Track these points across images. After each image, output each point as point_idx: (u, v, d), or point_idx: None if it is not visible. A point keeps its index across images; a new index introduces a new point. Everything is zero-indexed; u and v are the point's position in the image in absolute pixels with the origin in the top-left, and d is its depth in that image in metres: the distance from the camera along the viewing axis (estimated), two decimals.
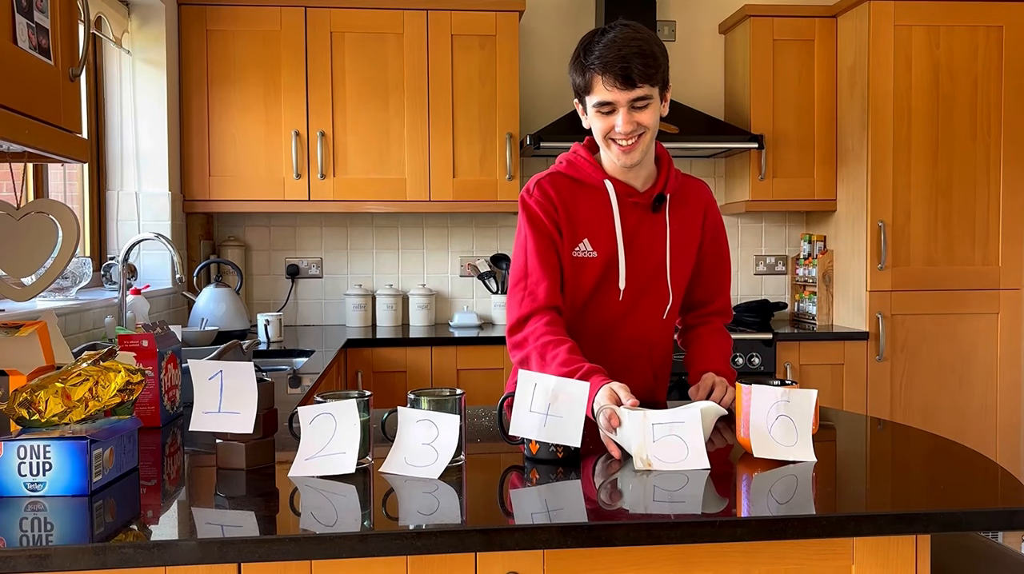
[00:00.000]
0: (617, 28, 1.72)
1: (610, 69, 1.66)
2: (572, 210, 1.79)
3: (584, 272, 1.80)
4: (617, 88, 1.67)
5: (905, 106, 3.50)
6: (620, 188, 1.80)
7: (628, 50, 1.66)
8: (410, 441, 1.35)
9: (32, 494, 1.23)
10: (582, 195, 1.81)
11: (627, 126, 1.69)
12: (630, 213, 1.81)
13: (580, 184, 1.81)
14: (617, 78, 1.66)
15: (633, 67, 1.65)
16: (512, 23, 3.60)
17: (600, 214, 1.79)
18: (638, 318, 1.85)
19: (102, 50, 3.33)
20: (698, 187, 1.92)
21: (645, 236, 1.82)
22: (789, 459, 1.39)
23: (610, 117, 1.71)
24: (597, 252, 1.79)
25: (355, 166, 3.57)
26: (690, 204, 1.88)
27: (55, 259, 1.58)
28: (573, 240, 1.79)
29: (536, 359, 1.69)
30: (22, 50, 1.36)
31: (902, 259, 3.52)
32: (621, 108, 1.69)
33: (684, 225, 1.86)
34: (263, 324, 3.29)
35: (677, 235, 1.84)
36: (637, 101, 1.69)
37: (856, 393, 3.52)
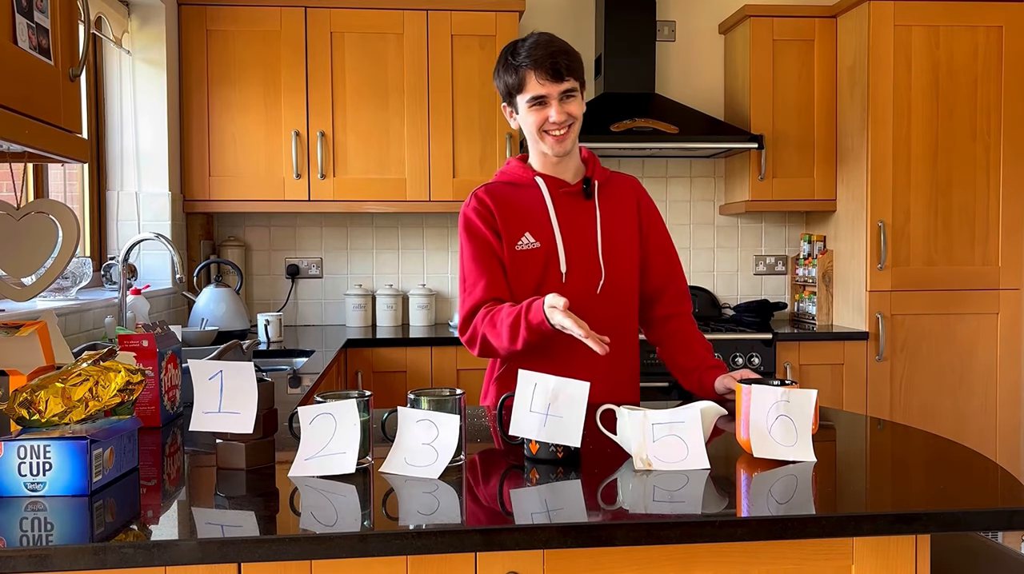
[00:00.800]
0: (537, 35, 1.91)
1: (541, 64, 1.85)
2: (509, 210, 1.96)
3: (530, 262, 1.95)
4: (549, 82, 1.86)
5: (905, 106, 3.50)
6: (551, 182, 1.98)
7: (554, 47, 1.87)
8: (410, 441, 1.35)
9: (32, 494, 1.23)
10: (518, 195, 1.98)
11: (560, 115, 1.87)
12: (563, 203, 1.97)
13: (515, 186, 1.99)
14: (548, 72, 1.85)
15: (561, 62, 1.85)
16: (512, 23, 3.60)
17: (537, 208, 1.96)
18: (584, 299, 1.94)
19: (102, 50, 3.33)
20: (628, 180, 2.09)
21: (579, 221, 1.97)
22: (789, 459, 1.39)
23: (543, 110, 1.89)
24: (539, 243, 1.94)
25: (355, 166, 3.57)
26: (621, 193, 2.04)
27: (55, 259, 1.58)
28: (515, 236, 1.95)
29: (488, 331, 1.87)
30: (22, 50, 1.36)
31: (902, 259, 3.52)
32: (553, 100, 1.87)
33: (615, 209, 2.01)
34: (263, 324, 3.29)
35: (608, 217, 1.99)
36: (566, 93, 1.88)
37: (856, 393, 3.52)
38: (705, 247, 4.10)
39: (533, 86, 1.87)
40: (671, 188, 4.07)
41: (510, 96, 1.92)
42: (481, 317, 1.89)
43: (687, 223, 4.09)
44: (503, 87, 1.93)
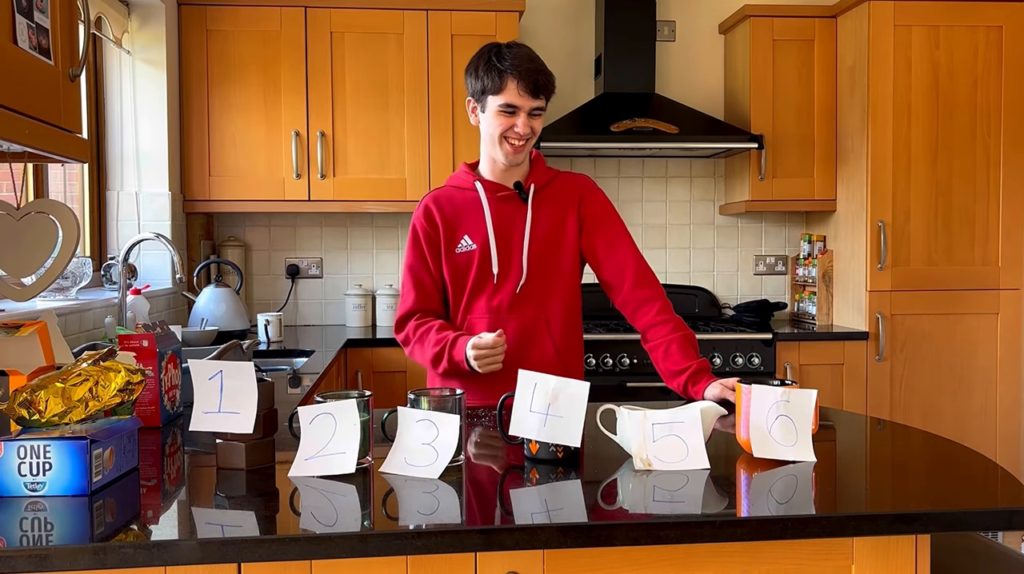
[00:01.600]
0: (522, 46, 2.00)
1: (525, 77, 1.94)
2: (452, 215, 2.06)
3: (469, 264, 2.05)
4: (526, 95, 1.94)
5: (905, 106, 3.50)
6: (490, 186, 2.06)
7: (539, 64, 1.97)
8: (410, 441, 1.35)
9: (32, 494, 1.23)
10: (461, 200, 2.08)
11: (524, 128, 1.96)
12: (501, 207, 2.06)
13: (460, 190, 2.09)
14: (528, 86, 1.94)
15: (541, 81, 1.95)
16: (512, 23, 3.60)
17: (475, 212, 2.06)
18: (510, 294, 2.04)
19: (102, 50, 3.33)
20: (575, 180, 2.13)
21: (514, 224, 2.06)
22: (789, 459, 1.39)
23: (511, 118, 1.97)
24: (476, 245, 2.04)
25: (355, 166, 3.57)
26: (562, 194, 2.09)
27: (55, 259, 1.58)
28: (455, 239, 2.05)
29: (417, 347, 2.05)
30: (22, 50, 1.36)
31: (902, 259, 3.52)
32: (523, 113, 1.96)
33: (551, 211, 2.07)
34: (263, 324, 3.28)
35: (540, 219, 2.06)
36: (536, 110, 1.97)
37: (856, 393, 3.52)
38: (705, 247, 4.10)
39: (511, 94, 1.95)
40: (671, 188, 4.07)
41: (482, 94, 2.00)
42: (413, 328, 2.05)
43: (687, 223, 4.09)
44: (478, 84, 2.00)
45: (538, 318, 2.06)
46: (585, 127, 3.61)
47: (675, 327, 2.00)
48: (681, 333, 1.99)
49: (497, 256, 2.03)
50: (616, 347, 3.43)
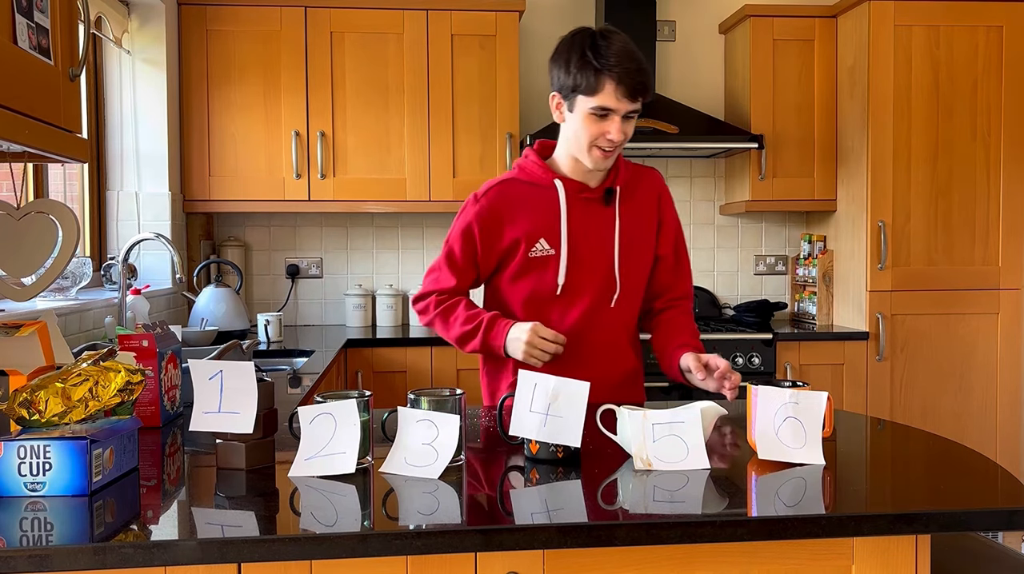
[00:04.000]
0: (617, 35, 1.78)
1: (625, 80, 1.72)
2: (523, 214, 1.87)
3: (547, 269, 1.88)
4: (625, 99, 1.74)
5: (905, 106, 3.50)
6: (571, 186, 1.87)
7: (642, 65, 1.74)
8: (410, 441, 1.35)
9: (32, 494, 1.23)
10: (534, 197, 1.88)
11: (619, 135, 1.77)
12: (581, 209, 1.88)
13: (532, 186, 1.89)
14: (629, 90, 1.73)
15: (643, 83, 1.74)
16: (512, 23, 3.60)
17: (551, 213, 1.87)
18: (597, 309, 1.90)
19: (102, 50, 3.33)
20: (651, 176, 1.98)
21: (597, 230, 1.89)
22: (795, 461, 1.38)
23: (602, 123, 1.77)
24: (554, 250, 1.87)
25: (355, 166, 3.57)
26: (642, 193, 1.94)
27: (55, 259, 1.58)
28: (530, 242, 1.87)
29: (440, 320, 1.91)
30: (22, 50, 1.36)
31: (902, 259, 3.52)
32: (617, 117, 1.76)
33: (636, 215, 1.92)
34: (263, 324, 3.28)
35: (627, 226, 1.90)
36: (631, 113, 1.77)
37: (856, 393, 3.52)
38: (705, 247, 4.10)
39: (607, 97, 1.74)
40: (671, 188, 4.05)
41: (572, 92, 1.78)
42: (435, 302, 1.92)
43: (687, 223, 4.08)
44: (568, 81, 1.78)
45: (622, 332, 1.93)
46: None
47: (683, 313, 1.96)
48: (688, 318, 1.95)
49: (575, 265, 1.86)
50: None
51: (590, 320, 1.89)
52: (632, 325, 1.98)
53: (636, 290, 1.95)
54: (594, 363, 1.88)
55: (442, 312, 1.91)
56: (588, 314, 1.90)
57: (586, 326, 1.90)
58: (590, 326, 1.90)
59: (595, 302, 1.90)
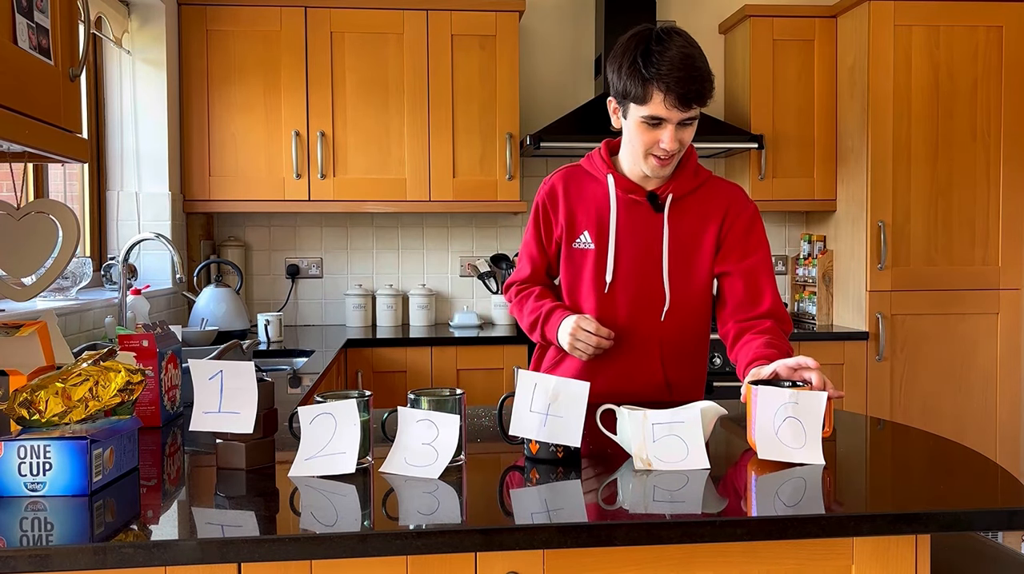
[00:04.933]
0: (673, 38, 1.70)
1: (674, 90, 1.66)
2: (577, 203, 1.87)
3: (583, 263, 1.87)
4: (676, 109, 1.68)
5: (905, 106, 3.50)
6: (623, 184, 1.84)
7: (695, 72, 1.67)
8: (410, 441, 1.35)
9: (32, 494, 1.23)
10: (590, 189, 1.87)
11: (673, 144, 1.72)
12: (630, 210, 1.84)
13: (590, 177, 1.89)
14: (679, 100, 1.67)
15: (695, 90, 1.67)
16: (512, 23, 3.60)
17: (602, 208, 1.85)
18: (636, 315, 1.86)
19: (102, 50, 3.33)
20: (725, 189, 1.88)
21: (643, 234, 1.84)
22: (795, 461, 1.38)
23: (655, 131, 1.72)
24: (595, 244, 1.85)
25: (355, 166, 3.57)
26: (705, 206, 1.84)
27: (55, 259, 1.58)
28: (574, 232, 1.87)
29: (516, 310, 1.96)
30: (22, 50, 1.36)
31: (902, 259, 3.52)
32: (670, 125, 1.71)
33: (691, 228, 1.83)
34: (263, 324, 3.28)
35: (679, 237, 1.83)
36: (687, 120, 1.72)
37: (856, 393, 3.52)
38: None
39: (656, 106, 1.69)
40: None
41: (623, 98, 1.74)
42: (515, 291, 1.97)
43: None
44: (620, 87, 1.73)
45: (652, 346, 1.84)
46: (585, 127, 3.60)
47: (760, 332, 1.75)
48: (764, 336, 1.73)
49: (614, 263, 1.82)
50: None
51: (630, 326, 1.84)
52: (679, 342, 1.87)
53: (688, 306, 1.85)
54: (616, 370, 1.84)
55: (517, 303, 1.95)
56: (628, 319, 1.84)
57: (625, 331, 1.84)
58: (630, 332, 1.84)
59: (639, 309, 1.84)
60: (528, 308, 1.90)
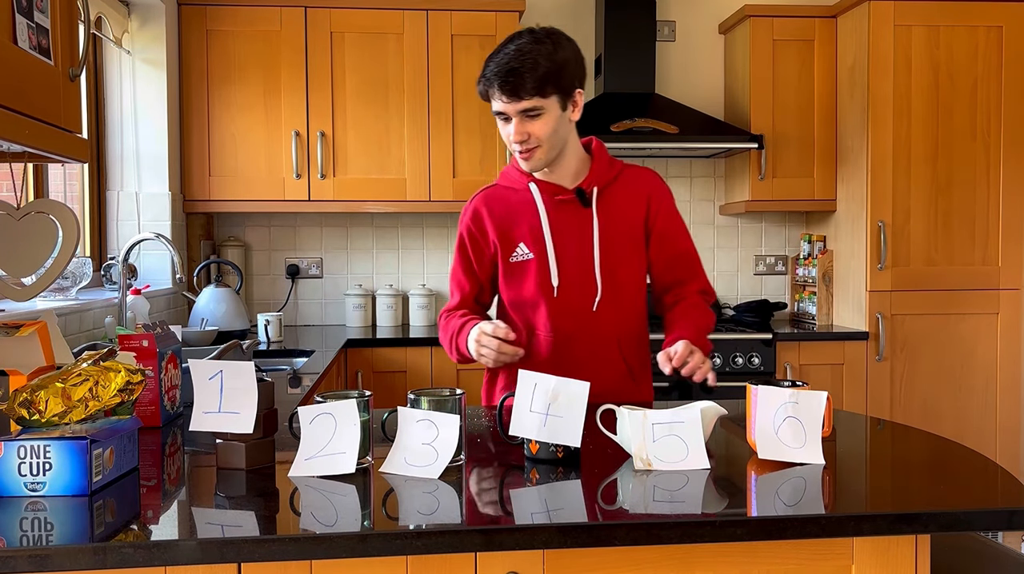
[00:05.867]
0: (524, 38, 1.77)
1: (496, 81, 1.74)
2: (505, 219, 1.90)
3: (525, 274, 1.90)
4: (508, 100, 1.75)
5: (905, 106, 3.50)
6: (546, 188, 1.88)
7: (519, 63, 1.72)
8: (410, 441, 1.35)
9: (32, 494, 1.23)
10: (514, 202, 1.91)
11: (517, 135, 1.78)
12: (558, 211, 1.88)
13: (512, 191, 1.92)
14: (504, 90, 1.74)
15: (519, 81, 1.72)
16: (512, 23, 3.60)
17: (532, 216, 1.88)
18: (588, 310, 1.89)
19: (102, 50, 3.33)
20: (642, 177, 1.95)
21: (575, 231, 1.88)
22: (795, 461, 1.38)
23: (507, 125, 1.80)
24: (533, 254, 1.88)
25: (355, 166, 3.57)
26: (628, 193, 1.91)
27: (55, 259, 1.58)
28: (510, 246, 1.90)
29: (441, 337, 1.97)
30: (22, 50, 1.36)
31: (902, 259, 3.52)
32: (513, 118, 1.77)
33: (619, 215, 1.90)
34: (263, 324, 3.28)
35: (608, 226, 1.88)
36: (527, 112, 1.76)
37: (856, 393, 3.52)
38: (705, 247, 4.10)
39: (496, 101, 1.78)
40: (671, 188, 4.06)
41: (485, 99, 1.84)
42: (444, 316, 1.98)
43: (687, 223, 4.07)
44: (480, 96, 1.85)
45: (610, 337, 1.90)
46: (585, 127, 3.60)
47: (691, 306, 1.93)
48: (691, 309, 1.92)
49: (558, 268, 1.87)
50: None
51: (574, 325, 1.89)
52: (625, 329, 1.93)
53: (624, 293, 1.91)
54: (581, 369, 1.84)
55: (443, 327, 1.96)
56: (571, 319, 1.89)
57: (571, 331, 1.89)
58: (576, 331, 1.89)
59: (577, 306, 1.89)
60: (449, 328, 1.92)
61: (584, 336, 1.89)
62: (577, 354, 1.89)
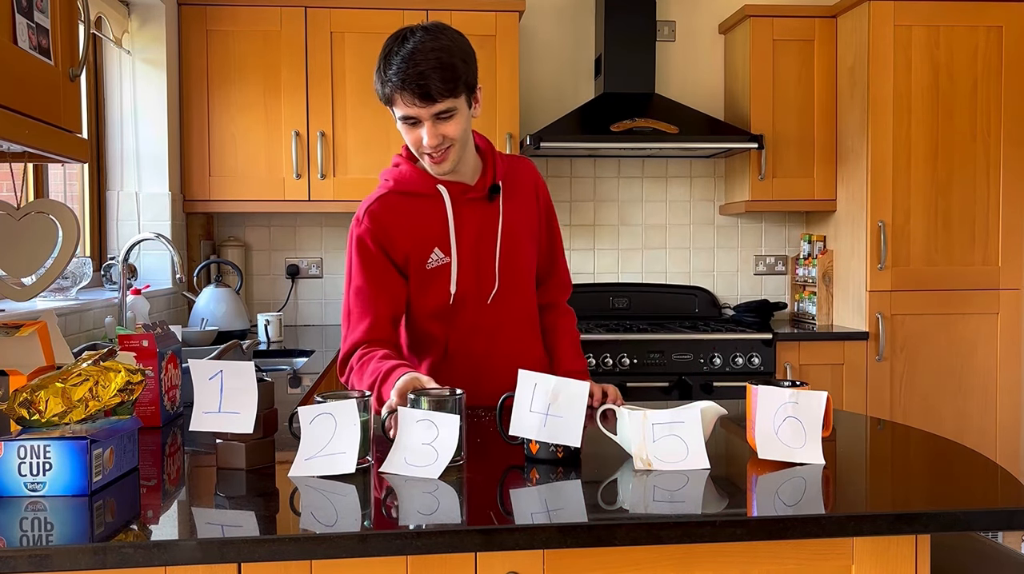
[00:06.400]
0: (418, 35, 1.67)
1: (408, 86, 1.63)
2: (411, 226, 1.79)
3: (445, 278, 1.81)
4: (416, 105, 1.65)
5: (905, 106, 3.50)
6: (454, 189, 1.80)
7: (426, 65, 1.62)
8: (410, 441, 1.35)
9: (32, 494, 1.23)
10: (419, 207, 1.80)
11: (433, 139, 1.68)
12: (468, 210, 1.82)
13: (414, 196, 1.80)
14: (416, 95, 1.63)
15: (431, 83, 1.62)
16: (512, 23, 3.60)
17: (439, 220, 1.80)
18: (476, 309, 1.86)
19: (102, 50, 3.33)
20: (524, 165, 1.93)
21: (485, 229, 1.83)
22: (795, 461, 1.38)
23: (416, 129, 1.69)
24: (448, 257, 1.80)
25: (355, 166, 3.57)
26: (521, 185, 1.90)
27: (55, 259, 1.58)
28: (423, 253, 1.79)
29: (356, 381, 1.75)
30: (22, 50, 1.36)
31: (902, 259, 3.52)
32: (425, 122, 1.67)
33: (518, 207, 1.88)
34: (263, 324, 3.28)
35: (510, 220, 1.86)
36: (440, 114, 1.67)
37: (856, 393, 3.52)
38: (705, 247, 4.10)
39: (401, 106, 1.67)
40: (671, 188, 4.07)
41: (385, 104, 1.72)
42: (356, 360, 1.75)
43: (687, 223, 4.08)
44: (377, 92, 1.72)
45: (525, 324, 1.92)
46: (585, 127, 3.61)
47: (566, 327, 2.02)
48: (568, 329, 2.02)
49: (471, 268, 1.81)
50: (616, 347, 3.43)
51: (476, 323, 1.85)
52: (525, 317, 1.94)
53: (520, 284, 1.90)
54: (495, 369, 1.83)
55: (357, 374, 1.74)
56: (473, 318, 1.85)
57: (474, 330, 1.86)
58: (477, 329, 1.86)
59: (478, 302, 1.84)
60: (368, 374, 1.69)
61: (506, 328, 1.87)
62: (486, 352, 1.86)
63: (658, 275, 4.08)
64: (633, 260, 4.07)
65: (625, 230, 4.06)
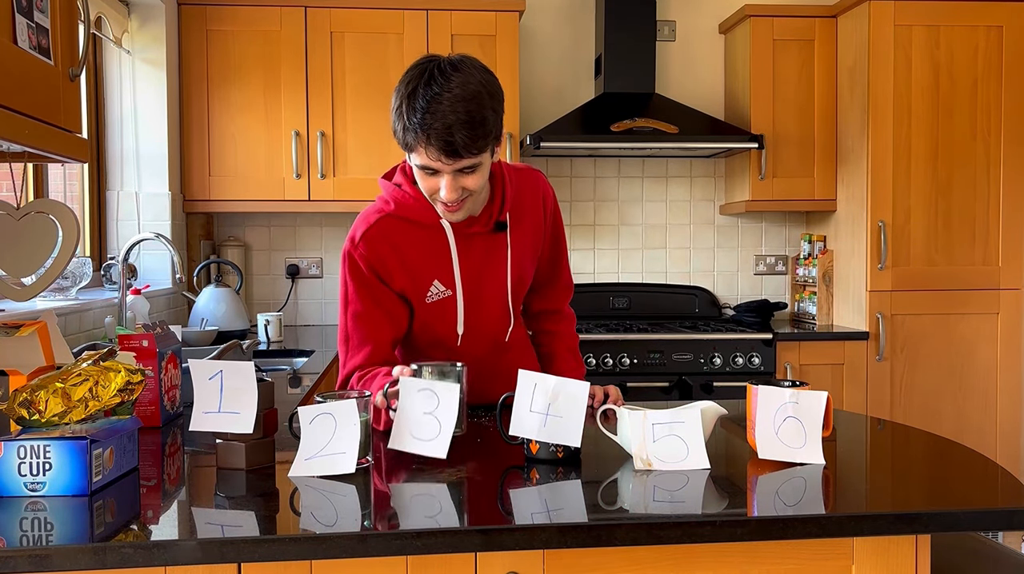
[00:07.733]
0: (448, 78, 1.49)
1: (433, 142, 1.49)
2: (411, 256, 1.69)
3: (447, 311, 1.73)
4: (441, 160, 1.52)
5: (905, 106, 3.50)
6: (458, 223, 1.69)
7: (455, 117, 1.47)
8: (412, 411, 1.36)
9: (32, 494, 1.22)
10: (419, 236, 1.69)
11: (452, 194, 1.56)
12: (472, 244, 1.71)
13: (415, 224, 1.69)
14: (441, 151, 1.50)
15: (458, 139, 1.48)
16: (512, 23, 3.60)
17: (441, 251, 1.70)
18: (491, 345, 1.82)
19: (102, 50, 3.33)
20: (532, 180, 1.80)
21: (490, 263, 1.74)
22: (796, 461, 1.38)
23: (434, 179, 1.57)
24: (451, 290, 1.72)
25: (355, 166, 3.57)
26: (529, 204, 1.78)
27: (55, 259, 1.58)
28: (422, 286, 1.71)
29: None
30: (22, 50, 1.36)
31: (902, 259, 3.52)
32: (446, 175, 1.55)
33: (526, 234, 1.78)
34: (263, 324, 3.28)
35: (518, 251, 1.77)
36: (465, 169, 1.54)
37: (856, 393, 3.52)
38: (705, 247, 4.10)
39: (422, 157, 1.53)
40: (671, 188, 4.07)
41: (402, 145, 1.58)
42: (356, 380, 1.70)
43: (687, 223, 4.08)
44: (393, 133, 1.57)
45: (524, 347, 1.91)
46: (585, 127, 3.61)
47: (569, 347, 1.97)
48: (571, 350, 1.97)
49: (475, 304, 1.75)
50: (616, 347, 3.43)
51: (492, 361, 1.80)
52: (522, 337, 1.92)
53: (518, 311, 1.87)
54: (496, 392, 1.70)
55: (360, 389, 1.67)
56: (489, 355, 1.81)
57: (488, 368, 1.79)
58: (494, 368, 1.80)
59: (492, 338, 1.80)
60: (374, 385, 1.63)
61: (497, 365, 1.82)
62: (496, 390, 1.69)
63: (658, 275, 4.08)
64: (633, 260, 4.07)
65: (625, 230, 4.06)
